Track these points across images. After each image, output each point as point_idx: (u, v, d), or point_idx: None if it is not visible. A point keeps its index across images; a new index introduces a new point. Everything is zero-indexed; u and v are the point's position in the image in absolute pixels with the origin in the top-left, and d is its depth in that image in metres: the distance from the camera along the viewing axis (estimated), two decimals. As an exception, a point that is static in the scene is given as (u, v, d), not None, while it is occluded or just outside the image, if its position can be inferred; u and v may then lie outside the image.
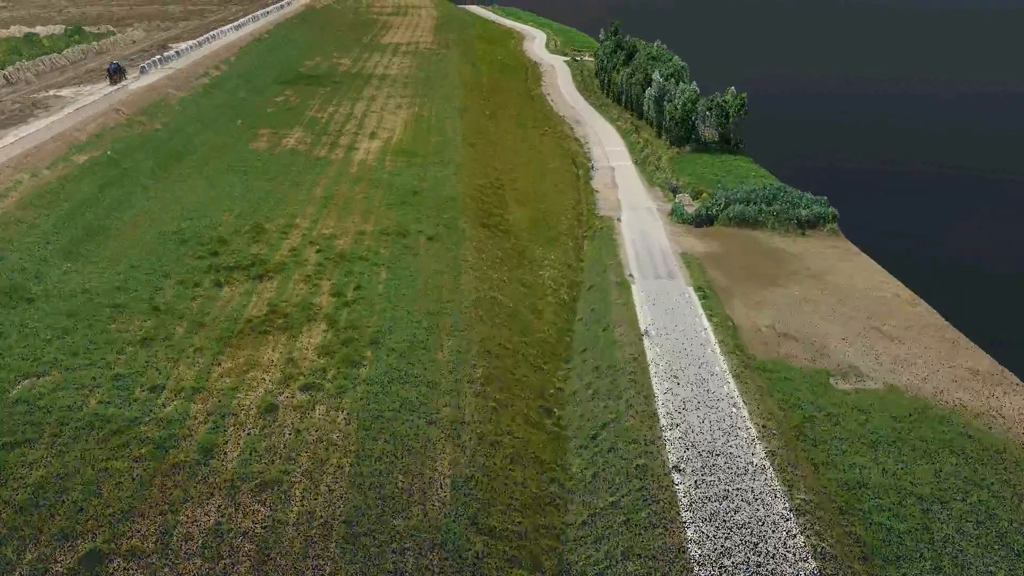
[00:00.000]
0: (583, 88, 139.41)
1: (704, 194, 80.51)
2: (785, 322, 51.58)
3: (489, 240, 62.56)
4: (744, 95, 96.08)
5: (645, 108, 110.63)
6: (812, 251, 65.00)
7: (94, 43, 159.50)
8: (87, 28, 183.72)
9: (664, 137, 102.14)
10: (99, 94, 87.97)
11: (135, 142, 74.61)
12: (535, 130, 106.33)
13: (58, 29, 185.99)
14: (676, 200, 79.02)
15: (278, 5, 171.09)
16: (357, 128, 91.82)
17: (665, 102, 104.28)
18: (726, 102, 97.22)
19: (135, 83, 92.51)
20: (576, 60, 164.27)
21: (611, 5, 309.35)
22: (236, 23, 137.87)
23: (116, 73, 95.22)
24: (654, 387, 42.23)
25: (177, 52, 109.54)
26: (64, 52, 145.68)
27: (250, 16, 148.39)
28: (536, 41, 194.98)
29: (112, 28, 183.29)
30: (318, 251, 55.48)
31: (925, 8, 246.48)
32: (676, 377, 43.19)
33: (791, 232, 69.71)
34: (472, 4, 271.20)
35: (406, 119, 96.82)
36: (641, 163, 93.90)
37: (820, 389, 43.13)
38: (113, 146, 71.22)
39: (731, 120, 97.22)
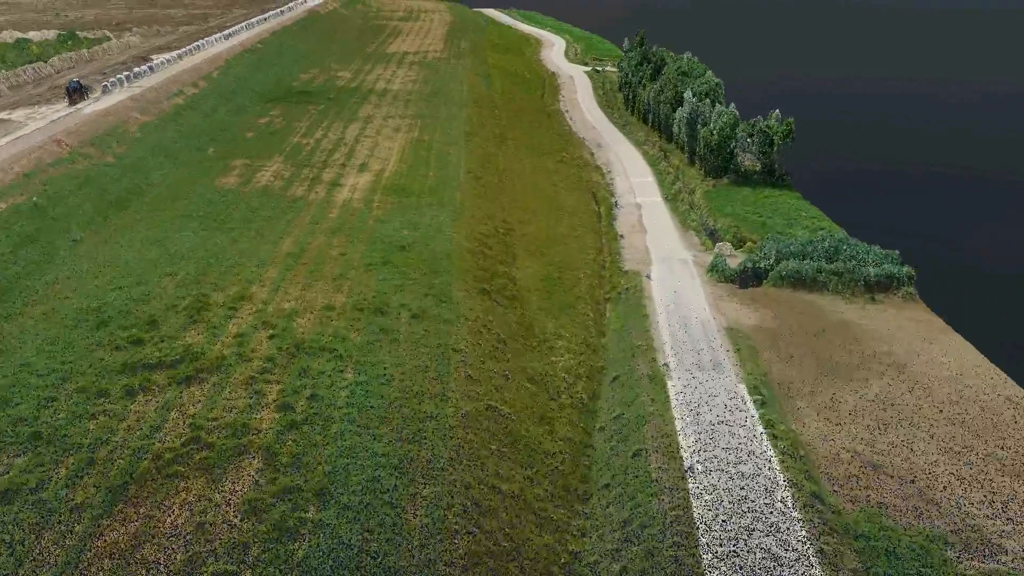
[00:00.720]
0: (605, 104, 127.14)
1: (748, 242, 68.15)
2: (871, 443, 39.25)
3: (490, 313, 50.58)
4: (791, 121, 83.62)
5: (675, 130, 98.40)
6: (888, 326, 52.52)
7: (84, 50, 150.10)
8: (83, 33, 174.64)
9: (698, 165, 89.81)
10: (51, 118, 76.72)
11: (73, 183, 63.16)
12: (551, 156, 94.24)
13: (52, 35, 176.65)
14: (716, 250, 66.78)
15: (278, 11, 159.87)
16: (346, 157, 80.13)
17: (699, 125, 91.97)
18: (770, 128, 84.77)
19: (93, 105, 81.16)
20: (598, 71, 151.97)
21: (631, 5, 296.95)
22: (227, 31, 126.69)
23: (76, 92, 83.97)
24: (706, 571, 30.10)
25: (151, 67, 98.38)
26: (51, 60, 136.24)
27: (243, 24, 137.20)
28: (555, 49, 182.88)
29: (108, 34, 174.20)
30: (271, 337, 43.68)
31: (976, 8, 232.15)
32: (736, 553, 30.98)
33: (858, 296, 57.27)
34: (489, 8, 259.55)
35: (404, 145, 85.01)
36: (672, 198, 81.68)
37: (936, 571, 30.81)
38: (45, 188, 59.73)
39: (776, 149, 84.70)
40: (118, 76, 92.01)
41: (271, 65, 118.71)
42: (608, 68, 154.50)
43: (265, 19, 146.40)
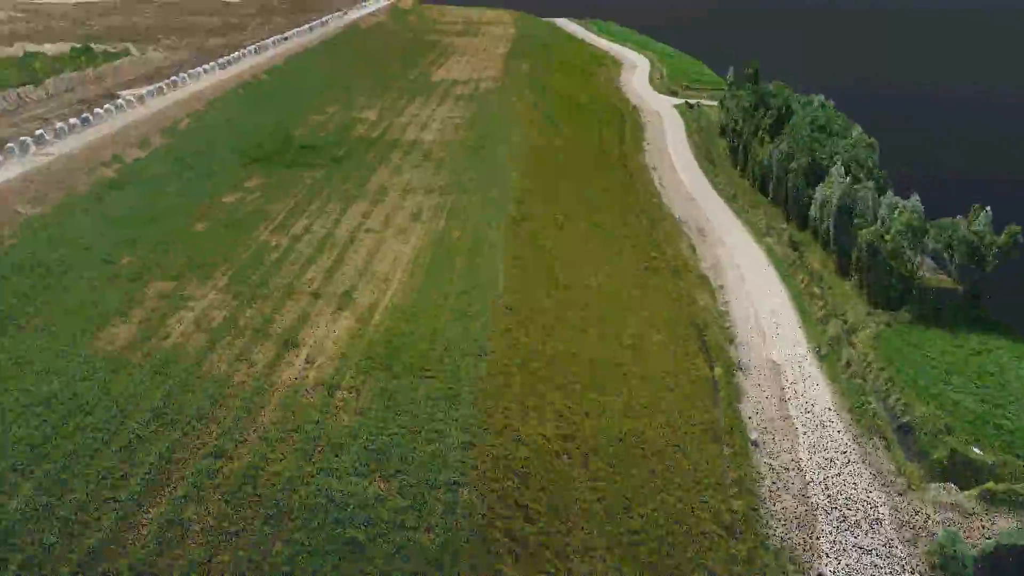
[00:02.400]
0: (704, 156, 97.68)
1: (996, 483, 38.58)
2: None
3: None
4: (1018, 229, 53.25)
5: (813, 214, 68.82)
6: None
7: (90, 69, 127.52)
8: (101, 46, 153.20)
9: (854, 279, 60.24)
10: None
11: None
12: (635, 253, 65.50)
13: (69, 46, 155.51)
14: (932, 496, 37.44)
15: (314, 24, 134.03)
16: (326, 276, 52.81)
17: (854, 216, 62.30)
18: (979, 236, 54.68)
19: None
20: (691, 106, 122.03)
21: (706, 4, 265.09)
22: (224, 59, 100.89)
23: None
24: None
25: (108, 110, 72.84)
26: (47, 82, 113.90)
27: (252, 47, 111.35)
28: (637, 71, 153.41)
29: (131, 47, 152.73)
30: None
31: None
32: None
33: None
34: (560, 18, 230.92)
35: (418, 249, 57.40)
36: (826, 352, 52.07)
37: None
38: None
39: (989, 268, 54.60)
40: (39, 132, 66.28)
41: (273, 104, 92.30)
42: (704, 102, 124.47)
43: (285, 38, 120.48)
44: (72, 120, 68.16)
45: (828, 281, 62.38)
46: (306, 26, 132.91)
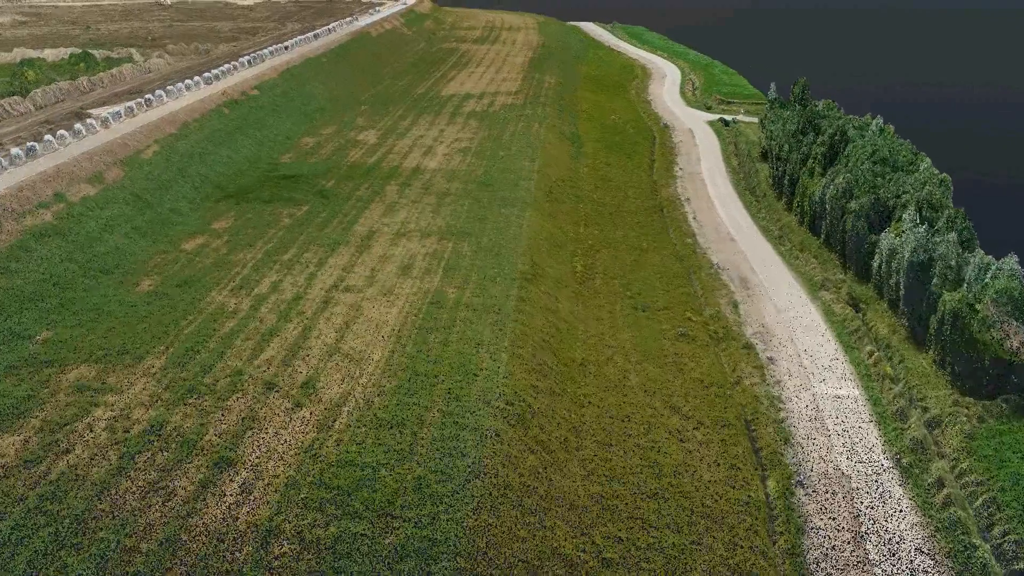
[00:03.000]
0: (743, 184, 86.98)
1: None
2: None
3: None
4: None
5: (877, 266, 58.37)
6: None
7: (83, 78, 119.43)
8: (104, 52, 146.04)
9: (932, 351, 49.75)
10: None
11: None
12: (667, 315, 55.02)
13: (71, 52, 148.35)
14: None
15: (312, 34, 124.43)
16: (284, 360, 42.91)
17: (931, 274, 51.81)
18: (1099, 312, 43.94)
19: None
20: (727, 123, 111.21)
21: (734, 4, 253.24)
22: (212, 72, 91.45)
23: None
24: None
25: (61, 136, 63.42)
26: (33, 93, 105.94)
27: (247, 56, 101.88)
28: (667, 81, 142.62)
29: (135, 53, 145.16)
30: None
31: None
32: None
33: None
34: (587, 22, 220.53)
35: (405, 318, 47.36)
36: (908, 461, 41.37)
37: None
38: None
39: (1110, 353, 43.86)
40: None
41: (260, 125, 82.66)
42: (741, 118, 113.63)
43: (285, 47, 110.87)
44: (14, 151, 58.73)
45: (900, 353, 51.62)
46: (310, 33, 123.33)
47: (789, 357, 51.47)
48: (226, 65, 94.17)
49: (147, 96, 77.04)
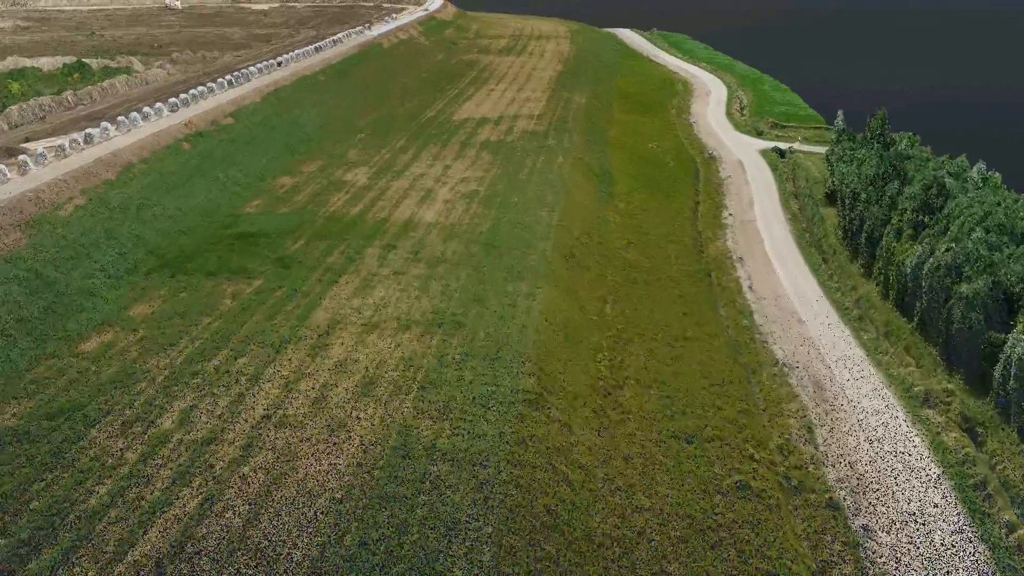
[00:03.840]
0: (807, 235, 72.14)
1: None
2: None
3: None
4: None
5: (1001, 377, 43.50)
6: None
7: (69, 93, 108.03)
8: (104, 60, 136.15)
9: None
10: None
11: None
12: (718, 452, 40.61)
13: (69, 60, 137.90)
14: None
15: (314, 47, 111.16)
16: (154, 571, 29.00)
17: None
18: None
19: None
20: (783, 152, 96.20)
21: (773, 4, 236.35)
22: (183, 96, 78.33)
23: None
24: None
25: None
26: (11, 109, 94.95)
27: (229, 77, 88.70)
28: (712, 99, 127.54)
29: (135, 62, 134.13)
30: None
31: None
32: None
33: None
34: (623, 28, 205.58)
35: (348, 481, 33.56)
36: None
37: None
38: None
39: None
40: None
41: (227, 163, 69.20)
42: (798, 146, 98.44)
43: (278, 63, 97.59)
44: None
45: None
46: (311, 46, 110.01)
47: (894, 528, 36.74)
48: (198, 88, 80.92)
49: (87, 132, 63.85)
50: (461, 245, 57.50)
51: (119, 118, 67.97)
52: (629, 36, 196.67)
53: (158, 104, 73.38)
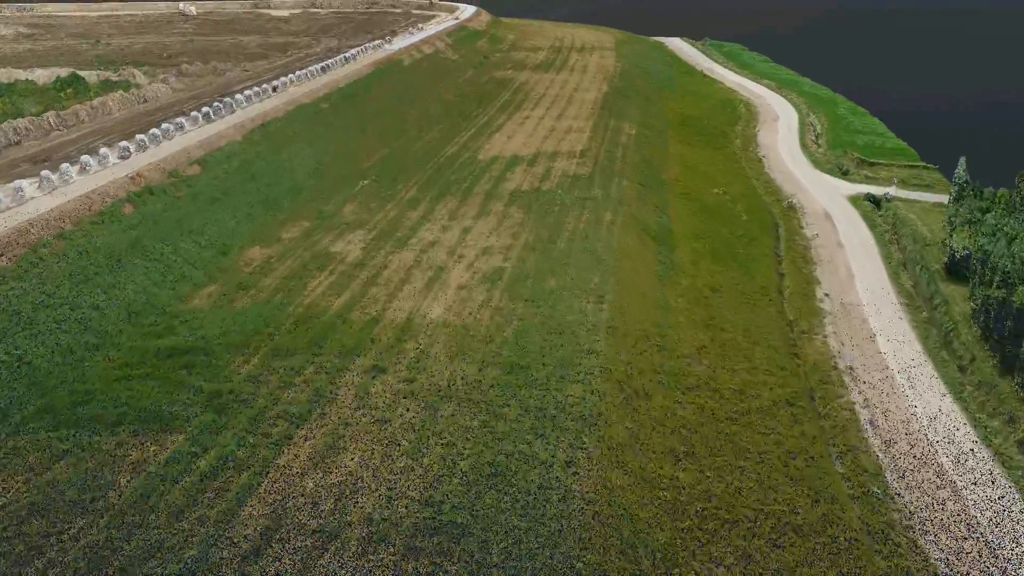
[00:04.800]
0: (934, 332, 54.63)
1: None
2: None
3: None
4: None
5: None
6: None
7: (49, 114, 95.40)
8: (105, 72, 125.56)
9: None
10: None
11: None
12: None
13: (63, 73, 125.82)
14: None
15: (319, 66, 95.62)
16: None
17: None
18: None
19: None
20: (876, 200, 78.97)
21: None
22: (150, 133, 63.07)
23: None
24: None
25: None
26: None
27: (206, 109, 73.40)
28: (781, 125, 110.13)
29: (137, 74, 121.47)
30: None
31: None
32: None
33: None
34: (672, 37, 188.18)
35: None
36: None
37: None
38: None
39: None
40: None
41: (176, 232, 53.55)
42: (894, 192, 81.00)
43: (273, 89, 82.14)
44: None
45: None
46: (316, 65, 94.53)
47: None
48: (165, 125, 65.57)
49: (-3, 193, 48.63)
50: (474, 367, 41.31)
51: (43, 173, 52.62)
52: (679, 47, 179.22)
53: (103, 150, 58.00)
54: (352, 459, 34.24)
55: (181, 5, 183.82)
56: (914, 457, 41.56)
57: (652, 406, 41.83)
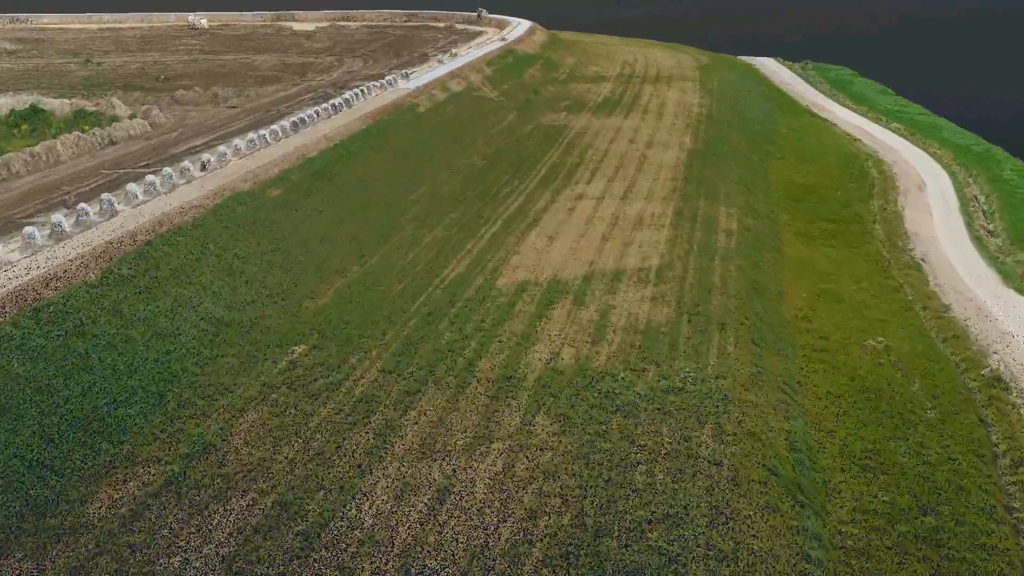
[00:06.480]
0: None
1: None
2: None
3: None
4: None
5: None
6: None
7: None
8: (80, 101, 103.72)
9: None
10: None
11: None
12: None
13: (31, 101, 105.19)
14: None
15: (292, 121, 68.30)
16: None
17: None
18: None
19: None
20: None
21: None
22: (78, 219, 36.22)
23: None
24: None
25: None
26: None
27: (152, 182, 46.49)
28: (931, 198, 79.06)
29: (120, 104, 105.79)
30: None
31: None
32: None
33: None
34: (761, 56, 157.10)
35: None
36: None
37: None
38: None
39: None
40: None
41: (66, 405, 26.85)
42: None
43: (237, 151, 54.96)
44: None
45: None
46: (287, 120, 67.30)
47: None
48: (93, 209, 38.66)
49: None
50: None
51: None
52: (775, 71, 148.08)
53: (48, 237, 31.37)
54: None
55: (191, 17, 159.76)
56: None
57: None
